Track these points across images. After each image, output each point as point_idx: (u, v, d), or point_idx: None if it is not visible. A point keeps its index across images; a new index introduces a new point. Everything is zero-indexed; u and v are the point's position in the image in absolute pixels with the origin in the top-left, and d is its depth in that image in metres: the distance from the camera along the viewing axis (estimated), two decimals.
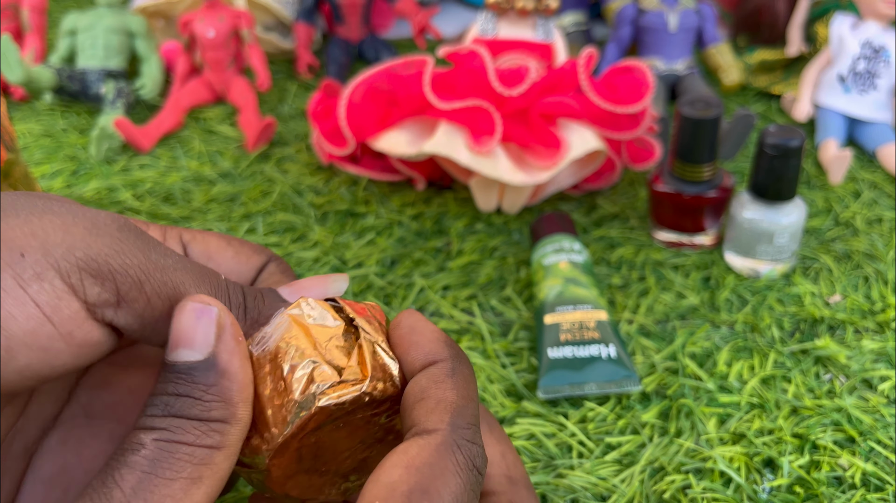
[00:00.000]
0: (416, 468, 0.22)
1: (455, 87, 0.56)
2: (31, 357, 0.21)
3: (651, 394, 0.44)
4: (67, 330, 0.22)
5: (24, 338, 0.21)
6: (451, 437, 0.23)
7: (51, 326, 0.22)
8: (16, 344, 0.21)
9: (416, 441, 0.23)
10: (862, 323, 0.49)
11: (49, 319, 0.22)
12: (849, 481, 0.39)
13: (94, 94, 0.73)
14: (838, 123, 0.66)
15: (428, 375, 0.24)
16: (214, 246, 0.28)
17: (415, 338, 0.25)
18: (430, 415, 0.23)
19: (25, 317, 0.21)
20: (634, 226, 0.58)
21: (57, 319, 0.22)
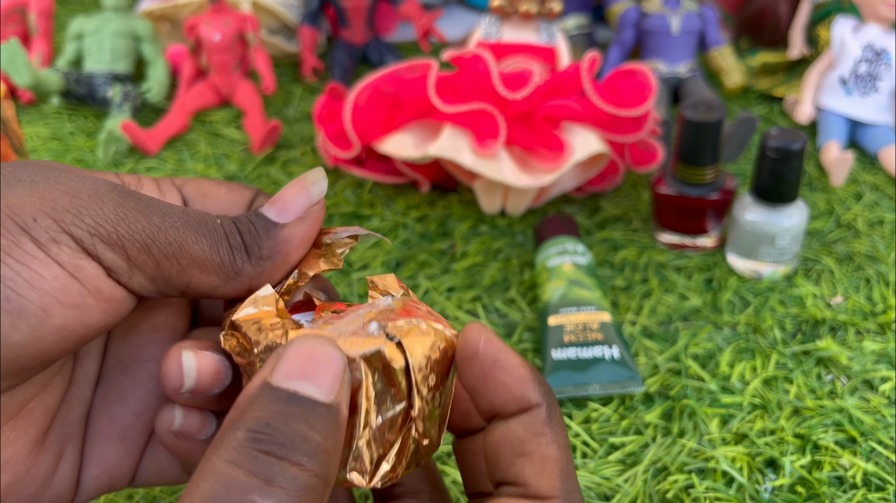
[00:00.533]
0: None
1: (459, 90, 0.56)
2: (66, 315, 0.22)
3: (654, 394, 0.45)
4: (94, 286, 0.22)
5: (57, 296, 0.22)
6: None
7: (78, 284, 0.22)
8: (50, 302, 0.21)
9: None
10: (863, 324, 0.49)
11: (75, 277, 0.22)
12: (850, 481, 0.39)
13: (101, 97, 0.73)
14: (840, 126, 0.67)
15: (524, 425, 0.23)
16: (207, 186, 0.29)
17: (501, 376, 0.24)
18: (539, 479, 0.23)
19: (53, 276, 0.22)
20: (637, 228, 0.58)
21: (82, 277, 0.22)
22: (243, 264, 0.25)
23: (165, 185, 0.28)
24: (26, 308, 0.21)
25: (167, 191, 0.28)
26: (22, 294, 0.21)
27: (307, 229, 0.26)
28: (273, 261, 0.25)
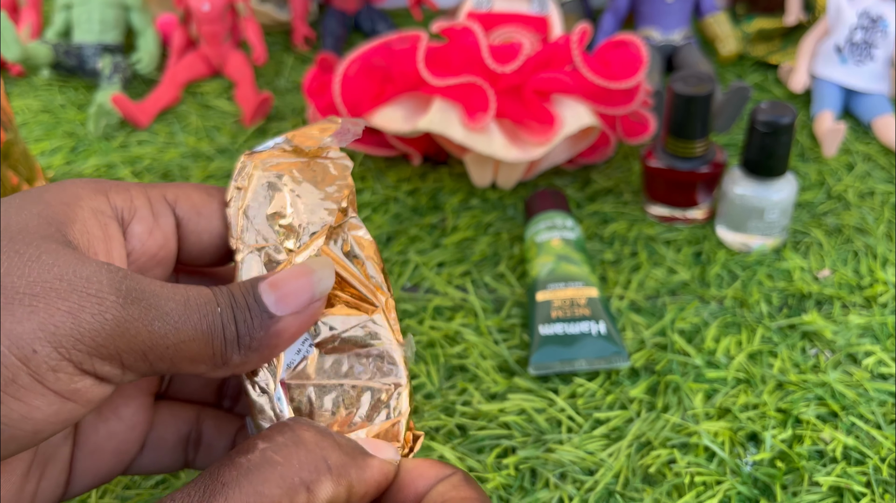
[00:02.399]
0: None
1: (449, 62, 0.56)
2: (55, 429, 0.23)
3: (640, 369, 0.45)
4: (86, 399, 0.23)
5: (48, 419, 0.22)
6: None
7: (72, 404, 0.23)
8: (42, 425, 0.22)
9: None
10: (849, 298, 0.49)
11: (69, 400, 0.23)
12: (830, 455, 0.40)
13: (91, 69, 0.73)
14: (834, 95, 0.66)
15: (445, 484, 0.25)
16: (198, 200, 0.28)
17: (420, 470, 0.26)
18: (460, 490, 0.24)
19: (47, 405, 0.22)
20: (628, 200, 0.58)
21: (76, 398, 0.23)
22: (232, 354, 0.25)
23: (159, 207, 0.28)
24: (18, 436, 0.22)
25: (160, 213, 0.28)
26: (15, 426, 0.22)
27: (301, 324, 0.26)
28: (259, 353, 0.25)
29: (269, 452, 0.23)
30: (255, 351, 0.25)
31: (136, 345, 0.23)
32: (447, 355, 0.46)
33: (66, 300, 0.23)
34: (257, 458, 0.22)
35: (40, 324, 0.22)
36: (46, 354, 0.22)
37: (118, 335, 0.23)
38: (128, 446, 0.29)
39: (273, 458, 0.23)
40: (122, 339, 0.23)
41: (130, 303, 0.24)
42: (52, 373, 0.22)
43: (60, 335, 0.22)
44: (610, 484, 0.39)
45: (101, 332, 0.23)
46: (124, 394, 0.29)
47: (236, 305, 0.25)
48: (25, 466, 0.26)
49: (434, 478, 0.25)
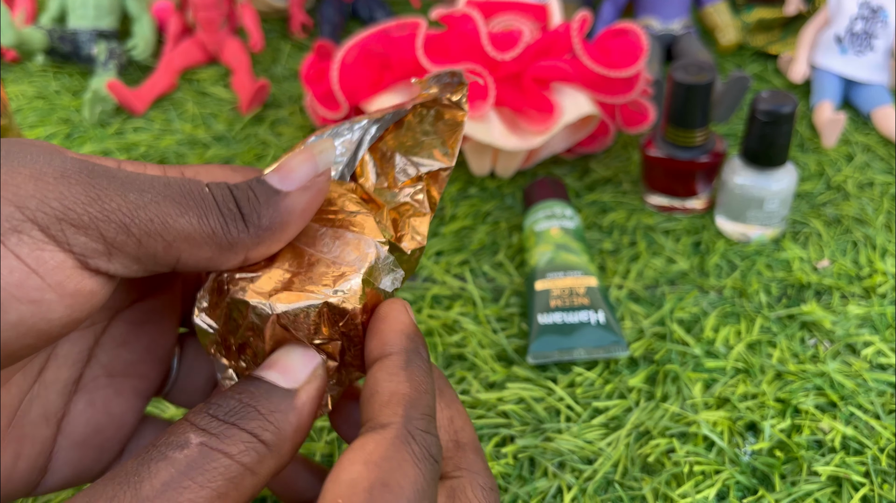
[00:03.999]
0: (375, 463, 0.22)
1: (448, 50, 0.55)
2: (21, 311, 0.21)
3: (639, 359, 0.45)
4: (56, 280, 0.21)
5: (12, 291, 0.20)
6: (406, 429, 0.23)
7: (37, 278, 0.21)
8: (4, 297, 0.20)
9: (372, 436, 0.23)
10: (848, 288, 0.49)
11: (34, 271, 0.21)
12: (829, 445, 0.40)
13: (86, 55, 0.72)
14: (834, 85, 0.66)
15: (383, 368, 0.25)
16: (220, 175, 0.28)
17: (380, 326, 0.25)
18: (384, 409, 0.23)
19: (9, 269, 0.20)
20: (627, 190, 0.58)
21: (42, 270, 0.21)
22: (239, 234, 0.24)
23: (171, 171, 0.27)
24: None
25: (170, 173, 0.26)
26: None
27: (310, 200, 0.25)
28: (272, 231, 0.24)
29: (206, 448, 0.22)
30: (266, 229, 0.24)
31: (112, 212, 0.22)
32: (445, 344, 0.46)
33: (30, 167, 0.21)
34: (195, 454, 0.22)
35: (4, 185, 0.21)
36: (8, 213, 0.20)
37: (88, 201, 0.21)
38: (111, 445, 0.28)
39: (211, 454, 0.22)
40: (94, 205, 0.22)
41: (99, 174, 0.22)
42: (15, 234, 0.21)
43: (23, 196, 0.21)
44: (609, 473, 0.39)
45: (68, 196, 0.21)
46: (116, 387, 0.28)
47: (235, 187, 0.24)
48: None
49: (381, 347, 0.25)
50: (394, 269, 0.27)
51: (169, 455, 0.21)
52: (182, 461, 0.21)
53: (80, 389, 0.28)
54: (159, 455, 0.21)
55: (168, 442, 0.22)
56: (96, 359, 0.28)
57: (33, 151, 0.22)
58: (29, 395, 0.26)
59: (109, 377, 0.28)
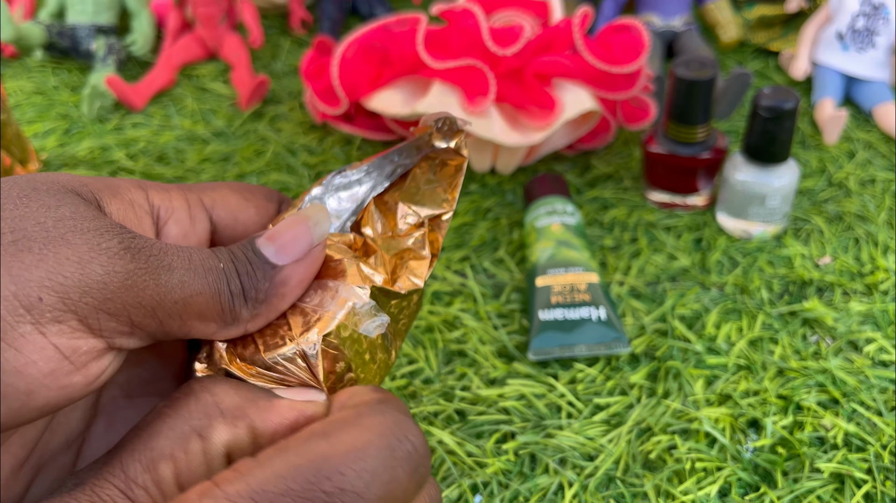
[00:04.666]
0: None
1: (449, 45, 0.55)
2: (49, 396, 0.22)
3: (640, 355, 0.45)
4: (84, 363, 0.22)
5: (44, 381, 0.21)
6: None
7: (69, 364, 0.22)
8: (36, 386, 0.21)
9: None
10: (850, 285, 0.49)
11: (68, 359, 0.22)
12: (831, 441, 0.40)
13: (85, 50, 0.72)
14: (836, 82, 0.66)
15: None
16: (235, 205, 0.28)
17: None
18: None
19: (45, 360, 0.21)
20: (628, 186, 0.58)
21: (75, 358, 0.22)
22: (241, 309, 0.24)
23: (197, 211, 0.27)
24: (10, 394, 0.21)
25: (197, 217, 0.27)
26: (8, 381, 0.21)
27: (306, 271, 0.25)
28: (268, 305, 0.25)
29: (161, 407, 0.23)
30: (262, 303, 0.25)
31: (145, 299, 0.23)
32: (446, 340, 0.46)
33: (77, 251, 0.22)
34: (151, 416, 0.23)
35: (48, 273, 0.22)
36: (51, 304, 0.21)
37: (126, 288, 0.22)
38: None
39: (163, 412, 0.23)
40: (130, 293, 0.22)
41: (138, 256, 0.23)
42: (56, 325, 0.21)
43: (68, 286, 0.22)
44: (610, 469, 0.39)
45: (110, 286, 0.22)
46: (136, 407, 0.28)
47: (236, 259, 0.25)
48: (17, 461, 0.25)
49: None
50: (376, 314, 0.27)
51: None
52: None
53: (98, 412, 0.28)
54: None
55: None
56: (113, 380, 0.28)
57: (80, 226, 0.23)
58: (51, 425, 0.26)
59: (128, 398, 0.28)
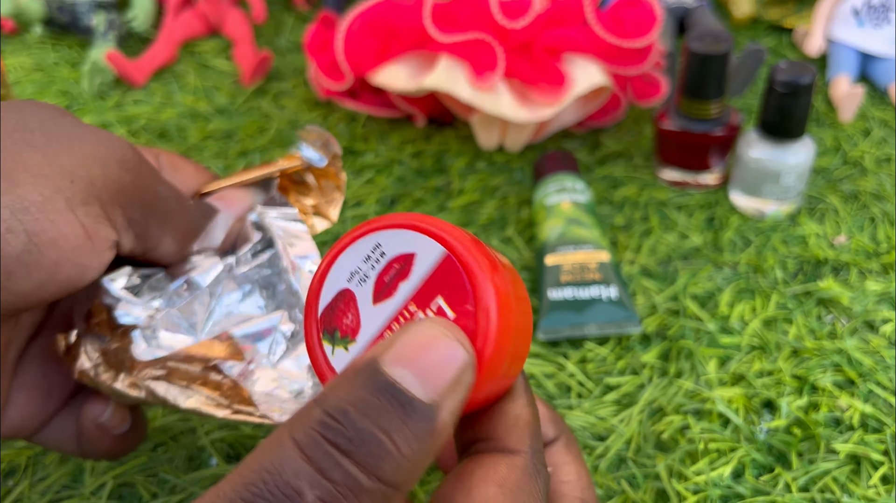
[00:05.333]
0: (510, 490, 0.21)
1: (456, 18, 0.54)
2: (71, 271, 0.25)
3: (652, 335, 0.44)
4: (101, 249, 0.25)
5: (70, 254, 0.24)
6: (533, 462, 0.23)
7: (91, 245, 0.25)
8: (63, 258, 0.24)
9: (503, 460, 0.22)
10: (866, 264, 0.48)
11: (91, 239, 0.25)
12: (847, 422, 0.39)
13: (85, 25, 0.71)
14: (851, 58, 0.65)
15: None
16: (179, 161, 0.32)
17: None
18: (511, 434, 0.23)
19: (74, 235, 0.24)
20: (639, 164, 0.57)
21: (96, 240, 0.25)
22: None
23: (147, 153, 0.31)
24: (42, 263, 0.24)
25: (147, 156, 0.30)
26: (43, 250, 0.24)
27: None
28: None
29: None
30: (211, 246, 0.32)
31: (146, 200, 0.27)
32: None
33: (97, 148, 0.25)
34: None
35: (77, 162, 0.24)
36: (81, 188, 0.24)
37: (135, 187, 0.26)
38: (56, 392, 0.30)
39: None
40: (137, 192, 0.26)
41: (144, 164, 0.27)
42: (84, 206, 0.24)
43: (93, 175, 0.25)
44: (621, 450, 0.38)
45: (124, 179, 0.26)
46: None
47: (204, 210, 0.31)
48: None
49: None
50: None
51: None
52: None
53: (39, 333, 0.30)
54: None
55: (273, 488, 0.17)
56: (59, 306, 0.30)
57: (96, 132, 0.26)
58: (8, 339, 0.28)
59: (68, 321, 0.30)
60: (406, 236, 0.21)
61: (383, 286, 0.21)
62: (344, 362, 0.21)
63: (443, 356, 0.18)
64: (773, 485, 0.36)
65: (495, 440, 0.23)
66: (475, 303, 0.20)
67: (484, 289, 0.20)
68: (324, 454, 0.17)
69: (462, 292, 0.20)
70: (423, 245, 0.21)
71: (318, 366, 0.21)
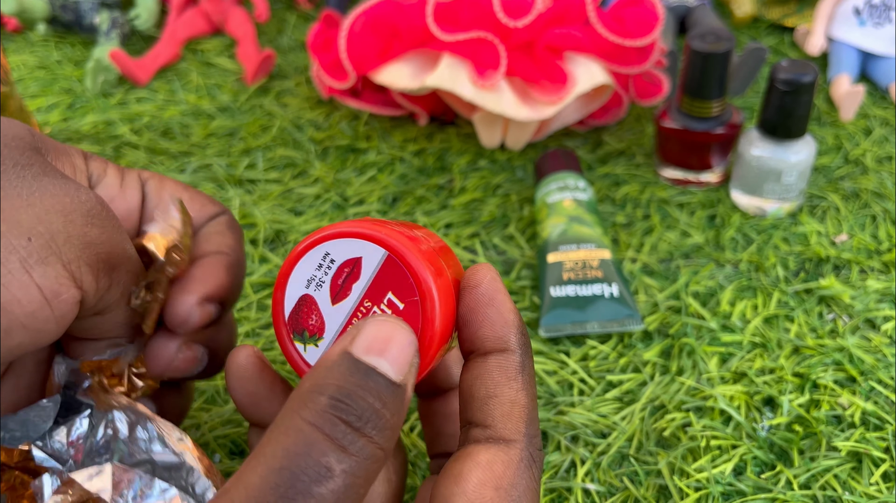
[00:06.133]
0: (505, 489, 0.23)
1: (459, 17, 0.54)
2: (24, 337, 0.22)
3: (653, 332, 0.44)
4: (62, 313, 0.23)
5: (23, 320, 0.22)
6: (528, 451, 0.24)
7: (49, 310, 0.23)
8: (15, 325, 0.22)
9: (498, 455, 0.23)
10: (867, 262, 0.48)
11: (49, 303, 0.22)
12: (848, 420, 0.39)
13: (89, 24, 0.71)
14: (852, 58, 0.65)
15: (500, 367, 0.24)
16: (171, 188, 0.30)
17: (491, 313, 0.25)
18: (507, 422, 0.24)
19: (28, 300, 0.22)
20: (640, 163, 0.57)
21: (55, 304, 0.23)
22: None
23: (130, 180, 0.29)
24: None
25: (129, 185, 0.29)
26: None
27: None
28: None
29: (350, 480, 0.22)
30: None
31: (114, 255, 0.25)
32: None
33: (60, 201, 0.23)
34: None
35: (36, 218, 0.23)
36: (39, 245, 0.22)
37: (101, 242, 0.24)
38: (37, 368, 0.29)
39: None
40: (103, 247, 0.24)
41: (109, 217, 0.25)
42: (42, 267, 0.22)
43: (54, 231, 0.23)
44: (623, 447, 0.38)
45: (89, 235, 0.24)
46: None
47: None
48: None
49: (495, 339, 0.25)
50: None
51: (315, 492, 0.19)
52: (329, 499, 0.19)
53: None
54: (304, 490, 0.19)
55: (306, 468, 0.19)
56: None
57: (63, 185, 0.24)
58: None
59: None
60: (350, 243, 0.24)
61: (338, 288, 0.24)
62: (317, 356, 0.24)
63: (402, 345, 0.22)
64: (775, 482, 0.37)
65: (492, 427, 0.24)
66: (420, 294, 0.24)
67: (425, 282, 0.24)
68: (342, 432, 0.20)
69: (407, 286, 0.24)
70: (366, 249, 0.24)
71: (295, 363, 0.24)
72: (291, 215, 0.53)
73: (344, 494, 0.20)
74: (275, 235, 0.51)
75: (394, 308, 0.24)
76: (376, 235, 0.24)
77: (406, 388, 0.22)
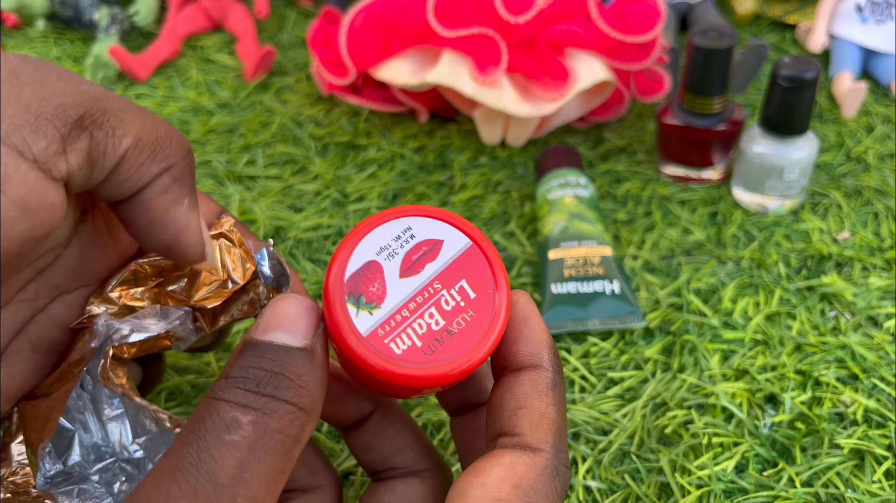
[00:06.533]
0: (525, 490, 0.22)
1: (460, 13, 0.54)
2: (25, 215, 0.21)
3: (654, 329, 0.44)
4: (19, 195, 0.21)
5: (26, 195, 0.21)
6: (554, 462, 0.23)
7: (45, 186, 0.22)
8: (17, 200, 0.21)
9: (522, 458, 0.23)
10: (870, 260, 0.48)
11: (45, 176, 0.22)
12: (850, 417, 0.39)
13: (88, 20, 0.71)
14: (854, 55, 0.64)
15: (531, 382, 0.24)
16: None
17: (526, 331, 0.25)
18: (535, 432, 0.23)
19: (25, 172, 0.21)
20: (641, 160, 0.57)
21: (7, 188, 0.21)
22: None
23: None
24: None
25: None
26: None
27: None
28: None
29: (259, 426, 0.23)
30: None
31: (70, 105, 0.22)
32: None
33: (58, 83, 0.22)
34: None
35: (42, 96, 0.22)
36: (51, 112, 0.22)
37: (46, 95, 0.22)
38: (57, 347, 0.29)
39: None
40: (52, 99, 0.22)
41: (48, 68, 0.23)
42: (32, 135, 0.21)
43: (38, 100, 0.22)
44: (624, 444, 0.38)
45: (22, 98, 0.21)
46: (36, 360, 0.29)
47: None
48: None
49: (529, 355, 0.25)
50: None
51: (226, 439, 0.20)
52: (243, 444, 0.21)
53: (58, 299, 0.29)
54: (216, 440, 0.21)
55: (215, 424, 0.21)
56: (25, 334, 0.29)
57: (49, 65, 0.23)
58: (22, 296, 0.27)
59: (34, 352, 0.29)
60: (435, 225, 0.24)
61: (410, 263, 0.24)
62: (367, 325, 0.23)
63: (296, 314, 0.23)
64: (777, 479, 0.36)
65: (519, 436, 0.24)
66: (495, 287, 0.24)
67: (502, 276, 0.24)
68: (242, 395, 0.21)
69: (483, 278, 0.24)
70: (450, 234, 0.24)
71: (337, 325, 0.23)
72: (291, 212, 0.53)
73: (258, 442, 0.21)
74: (275, 232, 0.51)
75: (464, 295, 0.24)
76: (463, 227, 0.25)
77: (313, 350, 0.22)
